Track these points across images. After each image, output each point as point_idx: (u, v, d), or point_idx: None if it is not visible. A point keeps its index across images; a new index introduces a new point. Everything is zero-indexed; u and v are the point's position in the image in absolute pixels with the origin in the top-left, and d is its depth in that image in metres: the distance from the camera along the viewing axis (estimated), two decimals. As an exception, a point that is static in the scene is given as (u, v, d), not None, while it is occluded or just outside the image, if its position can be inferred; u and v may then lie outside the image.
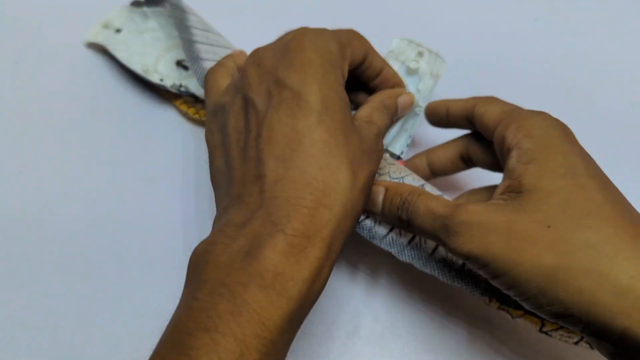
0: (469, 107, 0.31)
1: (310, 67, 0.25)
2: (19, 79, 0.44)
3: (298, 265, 0.21)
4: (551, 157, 0.25)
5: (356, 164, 0.25)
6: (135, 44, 0.43)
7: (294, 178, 0.23)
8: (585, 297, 0.22)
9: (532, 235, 0.23)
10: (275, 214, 0.22)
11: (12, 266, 0.35)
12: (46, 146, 0.40)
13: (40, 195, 0.38)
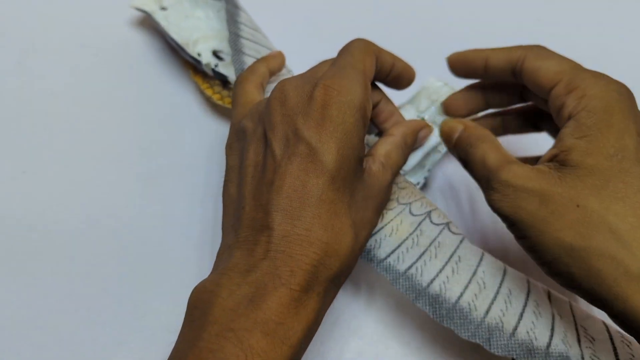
0: (514, 59, 0.29)
1: (331, 124, 0.25)
2: (21, 79, 0.44)
3: (298, 316, 0.23)
4: (605, 135, 0.25)
5: (359, 224, 0.26)
6: (177, 24, 0.43)
7: (300, 236, 0.24)
8: (594, 277, 0.23)
9: (559, 210, 0.24)
10: (280, 268, 0.23)
11: (15, 266, 0.35)
12: (49, 146, 0.40)
13: (43, 194, 0.38)
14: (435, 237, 0.30)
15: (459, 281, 0.28)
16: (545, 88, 0.28)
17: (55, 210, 0.37)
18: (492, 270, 0.29)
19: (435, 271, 0.29)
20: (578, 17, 0.50)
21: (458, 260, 0.29)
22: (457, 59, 0.33)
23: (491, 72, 0.31)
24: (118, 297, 0.34)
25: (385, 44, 0.48)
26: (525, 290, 0.28)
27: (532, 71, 0.28)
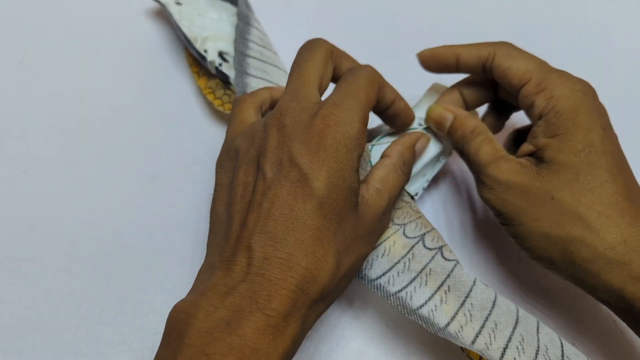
0: (484, 57, 0.31)
1: (325, 152, 0.25)
2: (23, 79, 0.44)
3: (274, 342, 0.22)
4: (573, 133, 0.28)
5: (343, 253, 0.26)
6: (189, 20, 0.43)
7: (280, 260, 0.24)
8: (569, 259, 0.27)
9: (537, 202, 0.28)
10: (257, 292, 0.23)
11: (16, 266, 0.35)
12: (50, 146, 0.40)
13: (44, 194, 0.38)
14: (426, 263, 0.30)
15: (447, 311, 0.28)
16: (515, 86, 0.30)
17: (56, 210, 0.37)
18: (481, 302, 0.28)
19: (424, 298, 0.29)
20: (579, 17, 0.50)
21: (447, 290, 0.29)
22: (429, 54, 0.34)
23: (462, 68, 0.32)
24: (119, 297, 0.34)
25: (387, 46, 0.48)
26: (512, 323, 0.28)
27: (502, 69, 0.30)
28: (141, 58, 0.46)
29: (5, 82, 0.43)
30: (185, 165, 0.40)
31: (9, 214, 0.37)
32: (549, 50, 0.47)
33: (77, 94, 0.43)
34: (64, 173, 0.39)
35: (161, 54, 0.46)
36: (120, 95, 0.43)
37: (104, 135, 0.41)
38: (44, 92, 0.43)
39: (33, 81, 0.44)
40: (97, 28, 0.47)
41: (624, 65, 0.46)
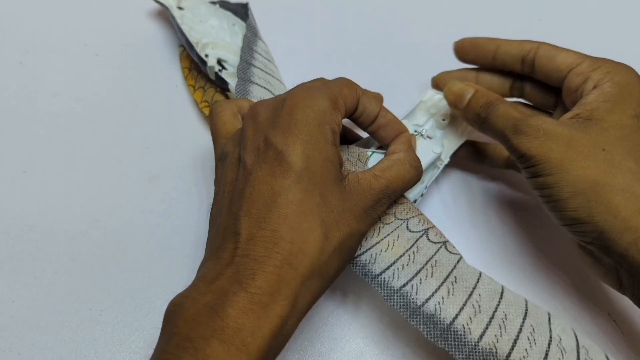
0: (527, 49, 0.34)
1: (296, 127, 0.26)
2: (23, 79, 0.44)
3: (259, 321, 0.22)
4: (628, 101, 0.29)
5: (331, 225, 0.25)
6: (190, 25, 0.43)
7: (265, 238, 0.24)
8: (611, 209, 0.26)
9: (587, 151, 0.28)
10: (242, 272, 0.23)
11: (15, 266, 0.35)
12: (50, 146, 0.40)
13: (44, 194, 0.38)
14: (432, 255, 0.29)
15: (455, 302, 0.28)
16: (562, 71, 0.32)
17: (56, 210, 0.37)
18: (488, 293, 0.28)
19: (430, 290, 0.28)
20: (580, 17, 0.50)
21: (454, 280, 0.28)
22: (469, 42, 0.36)
23: (500, 59, 0.35)
24: (119, 297, 0.34)
25: (387, 46, 0.48)
26: (521, 314, 0.27)
27: (548, 57, 0.33)
28: (141, 58, 0.46)
29: (5, 82, 0.43)
30: (185, 165, 0.40)
31: (9, 214, 0.37)
32: (549, 50, 0.47)
33: (77, 94, 0.43)
34: (64, 173, 0.39)
35: (161, 54, 0.46)
36: (120, 95, 0.43)
37: (104, 135, 0.41)
38: (44, 92, 0.43)
39: (33, 81, 0.44)
40: (97, 28, 0.47)
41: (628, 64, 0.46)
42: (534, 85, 0.36)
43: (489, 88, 0.37)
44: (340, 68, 0.46)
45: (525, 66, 0.34)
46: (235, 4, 0.46)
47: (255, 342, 0.22)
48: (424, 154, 0.34)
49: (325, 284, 0.26)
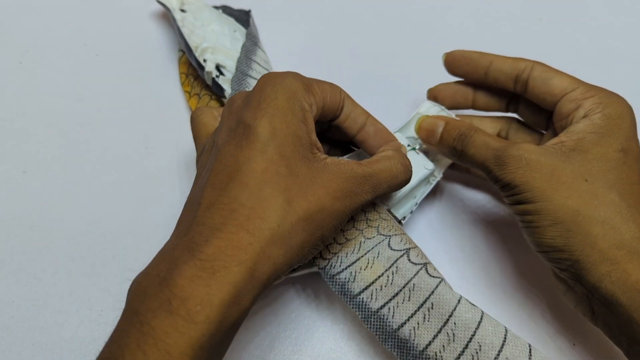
0: (521, 67, 0.33)
1: (265, 101, 0.26)
2: (23, 79, 0.44)
3: (208, 289, 0.21)
4: (615, 135, 0.29)
5: (296, 194, 0.25)
6: (191, 28, 0.43)
7: (223, 205, 0.23)
8: (589, 240, 0.27)
9: (570, 181, 0.28)
10: (195, 240, 0.22)
11: (16, 265, 0.35)
12: (50, 146, 0.40)
13: (44, 194, 0.38)
14: (410, 278, 0.29)
15: (429, 329, 0.28)
16: (556, 95, 0.32)
17: (56, 210, 0.37)
18: (464, 322, 0.28)
19: (406, 315, 0.28)
20: (580, 17, 0.50)
21: (431, 307, 0.28)
22: (460, 55, 0.35)
23: (492, 76, 0.34)
24: (119, 297, 0.34)
25: (385, 46, 0.48)
26: (497, 346, 0.27)
27: (543, 79, 0.32)
28: (141, 58, 0.46)
29: (5, 82, 0.43)
30: (185, 165, 0.40)
31: (9, 214, 0.37)
32: (549, 50, 0.47)
33: (77, 94, 0.43)
34: (64, 173, 0.39)
35: (161, 54, 0.46)
36: (120, 95, 0.43)
37: (104, 135, 0.41)
38: (44, 92, 0.43)
39: (33, 81, 0.44)
40: (98, 28, 0.47)
41: (624, 65, 0.46)
42: (528, 105, 0.35)
43: (487, 103, 0.37)
44: (341, 70, 0.46)
45: (518, 86, 0.34)
46: (238, 11, 0.46)
47: (204, 311, 0.21)
48: (416, 169, 0.34)
49: (290, 255, 0.24)
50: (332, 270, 0.30)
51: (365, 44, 0.47)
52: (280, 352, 0.32)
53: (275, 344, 0.32)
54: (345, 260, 0.30)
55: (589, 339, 0.33)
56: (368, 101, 0.37)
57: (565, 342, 0.33)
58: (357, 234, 0.31)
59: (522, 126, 0.37)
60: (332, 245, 0.30)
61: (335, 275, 0.30)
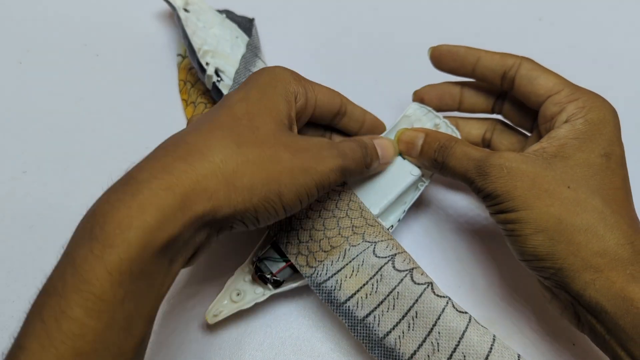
0: (509, 64, 0.32)
1: (250, 80, 0.28)
2: (22, 79, 0.44)
3: (129, 211, 0.20)
4: (597, 140, 0.29)
5: (249, 140, 0.25)
6: (193, 29, 0.43)
7: (171, 144, 0.24)
8: (572, 248, 0.26)
9: (552, 189, 0.27)
10: (131, 172, 0.22)
11: (16, 266, 0.35)
12: (50, 146, 0.40)
13: (43, 194, 0.38)
14: (394, 286, 0.29)
15: (414, 338, 0.28)
16: (541, 95, 0.31)
17: (55, 210, 0.37)
18: (448, 332, 0.28)
19: (391, 324, 0.28)
20: (579, 17, 0.50)
21: (415, 315, 0.28)
22: (447, 50, 0.35)
23: (479, 72, 0.34)
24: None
25: (385, 46, 0.48)
26: (482, 356, 0.27)
27: (528, 79, 0.32)
28: (141, 58, 0.46)
29: (5, 82, 0.43)
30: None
31: (7, 214, 0.37)
32: (549, 50, 0.47)
33: (77, 94, 0.43)
34: (64, 173, 0.39)
35: (161, 54, 0.46)
36: (120, 95, 0.43)
37: (104, 135, 0.41)
38: (44, 92, 0.43)
39: (33, 81, 0.44)
40: (97, 28, 0.47)
41: (624, 65, 0.46)
42: (514, 105, 0.35)
43: (473, 104, 0.37)
44: (341, 70, 0.46)
45: (505, 82, 0.33)
46: (242, 17, 0.46)
47: (122, 234, 0.20)
48: (403, 175, 0.34)
49: (234, 196, 0.23)
50: (319, 279, 0.30)
51: (365, 43, 0.47)
52: (280, 352, 0.32)
53: (275, 344, 0.32)
54: (330, 269, 0.30)
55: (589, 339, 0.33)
56: (368, 101, 0.37)
57: (565, 342, 0.33)
58: (342, 241, 0.31)
59: (507, 128, 0.37)
60: (318, 253, 0.30)
61: (321, 284, 0.30)
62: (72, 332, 0.19)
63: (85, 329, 0.19)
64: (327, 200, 0.32)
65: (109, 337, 0.20)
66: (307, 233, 0.31)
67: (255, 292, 0.31)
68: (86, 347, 0.19)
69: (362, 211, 0.32)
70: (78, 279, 0.20)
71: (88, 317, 0.19)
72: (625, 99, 0.44)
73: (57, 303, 0.19)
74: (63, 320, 0.19)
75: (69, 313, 0.19)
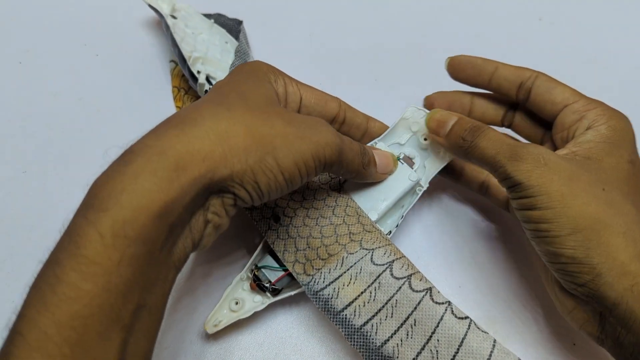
0: (526, 76, 0.33)
1: (233, 71, 0.30)
2: (22, 79, 0.44)
3: (122, 177, 0.21)
4: (623, 146, 0.29)
5: (240, 107, 0.25)
6: (181, 36, 0.42)
7: (164, 120, 0.24)
8: (610, 251, 0.25)
9: (588, 189, 0.26)
10: (129, 147, 0.23)
11: (16, 266, 0.35)
12: (50, 146, 0.40)
13: (44, 194, 0.38)
14: (393, 294, 0.29)
15: (412, 346, 0.27)
16: (557, 104, 0.32)
17: (56, 210, 0.37)
18: (447, 339, 0.27)
19: (389, 332, 0.28)
20: (579, 17, 0.50)
21: (413, 323, 0.28)
22: (466, 60, 0.35)
23: (495, 82, 0.34)
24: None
25: (385, 46, 0.48)
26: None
27: (546, 89, 0.32)
28: (141, 58, 0.46)
29: (5, 82, 0.43)
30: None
31: (7, 214, 0.37)
32: (549, 50, 0.47)
33: (77, 94, 0.43)
34: (64, 173, 0.39)
35: (161, 54, 0.46)
36: (120, 95, 0.43)
37: (104, 135, 0.41)
38: (44, 92, 0.43)
39: (33, 81, 0.44)
40: (97, 28, 0.47)
41: (623, 66, 0.46)
42: (525, 117, 0.35)
43: (483, 114, 0.36)
44: (341, 70, 0.46)
45: (521, 93, 0.33)
46: (232, 20, 0.45)
47: (115, 198, 0.20)
48: (401, 180, 0.33)
49: (230, 156, 0.23)
50: (316, 287, 0.30)
51: (365, 43, 0.47)
52: (281, 352, 0.32)
53: (275, 344, 0.32)
54: (328, 277, 0.30)
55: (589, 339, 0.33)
56: (368, 101, 0.37)
57: (565, 342, 0.33)
58: (339, 248, 0.31)
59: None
60: (315, 261, 0.30)
61: (318, 292, 0.30)
62: (67, 295, 0.19)
63: (80, 292, 0.19)
64: (324, 207, 0.32)
65: (106, 301, 0.19)
66: (304, 241, 0.31)
67: (254, 301, 0.31)
68: (83, 311, 0.19)
69: (360, 217, 0.32)
70: (73, 245, 0.20)
71: (83, 281, 0.19)
72: (624, 99, 0.44)
73: (52, 270, 0.20)
74: (57, 285, 0.19)
75: (63, 278, 0.19)
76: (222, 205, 0.24)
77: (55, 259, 0.20)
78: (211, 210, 0.24)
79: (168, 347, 0.32)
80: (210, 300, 0.33)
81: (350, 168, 0.29)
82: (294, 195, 0.33)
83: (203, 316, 0.33)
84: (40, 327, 0.19)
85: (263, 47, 0.47)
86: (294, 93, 0.30)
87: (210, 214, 0.24)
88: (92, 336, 0.19)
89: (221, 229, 0.25)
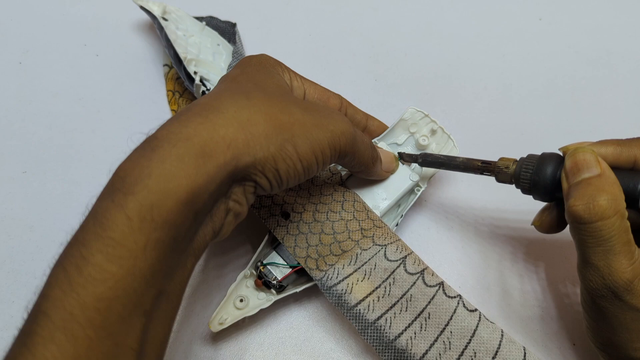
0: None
1: (242, 62, 0.29)
2: (22, 79, 0.44)
3: (149, 162, 0.21)
4: None
5: (258, 95, 0.25)
6: (172, 38, 0.42)
7: (184, 108, 0.25)
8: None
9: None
10: (153, 133, 0.23)
11: (16, 265, 0.35)
12: (50, 146, 0.40)
13: (44, 194, 0.38)
14: (407, 288, 0.29)
15: (426, 338, 0.28)
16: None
17: (56, 210, 0.37)
18: (460, 331, 0.28)
19: (403, 325, 0.28)
20: (579, 17, 0.49)
21: (428, 317, 0.29)
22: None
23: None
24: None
25: (385, 46, 0.48)
26: (492, 352, 0.28)
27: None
28: (141, 58, 0.46)
29: (5, 82, 0.43)
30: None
31: (7, 214, 0.37)
32: (548, 50, 0.47)
33: (77, 94, 0.43)
34: (64, 173, 0.39)
35: (161, 54, 0.46)
36: (120, 95, 0.43)
37: (104, 135, 0.41)
38: (44, 92, 0.43)
39: (33, 81, 0.44)
40: (97, 28, 0.47)
41: (623, 66, 0.46)
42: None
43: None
44: (341, 70, 0.46)
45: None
46: (225, 22, 0.45)
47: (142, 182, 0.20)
48: (401, 180, 0.34)
49: (252, 143, 0.23)
50: (329, 282, 0.30)
51: (365, 44, 0.47)
52: (281, 352, 0.32)
53: (275, 344, 0.32)
54: (342, 272, 0.30)
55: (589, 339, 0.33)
56: (368, 101, 0.37)
57: (565, 342, 0.33)
58: (352, 245, 0.31)
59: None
60: (328, 257, 0.31)
61: (331, 287, 0.30)
62: (92, 277, 0.19)
63: (106, 274, 0.19)
64: (333, 202, 0.32)
65: (130, 285, 0.19)
66: (316, 237, 0.31)
67: (258, 298, 0.31)
68: (108, 293, 0.19)
69: (368, 212, 0.32)
70: (99, 227, 0.20)
71: (109, 263, 0.19)
72: (624, 99, 0.44)
73: (78, 251, 0.20)
74: (84, 266, 0.19)
75: (90, 259, 0.19)
76: (243, 193, 0.24)
77: (81, 239, 0.20)
78: (232, 198, 0.24)
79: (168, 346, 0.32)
80: (210, 299, 0.33)
81: (362, 160, 0.29)
82: (300, 192, 0.33)
83: (202, 315, 0.33)
84: (65, 307, 0.19)
85: (263, 47, 0.46)
86: (299, 87, 0.31)
87: (231, 202, 0.24)
88: (115, 319, 0.19)
89: (240, 217, 0.25)
